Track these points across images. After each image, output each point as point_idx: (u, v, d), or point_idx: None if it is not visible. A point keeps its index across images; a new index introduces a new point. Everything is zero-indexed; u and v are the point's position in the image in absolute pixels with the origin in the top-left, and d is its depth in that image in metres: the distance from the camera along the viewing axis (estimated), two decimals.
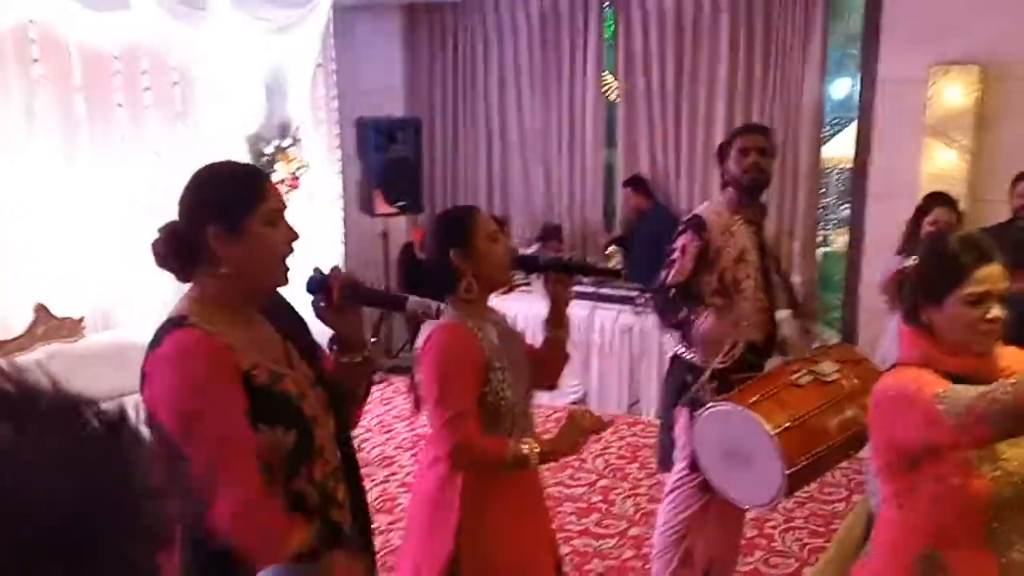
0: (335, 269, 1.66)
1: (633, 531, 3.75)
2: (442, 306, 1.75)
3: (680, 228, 2.82)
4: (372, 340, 5.57)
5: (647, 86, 5.81)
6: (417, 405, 2.03)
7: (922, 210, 3.36)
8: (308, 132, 5.48)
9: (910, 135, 4.77)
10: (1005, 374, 1.57)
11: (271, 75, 5.32)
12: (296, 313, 1.75)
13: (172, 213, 1.50)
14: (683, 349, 2.81)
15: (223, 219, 1.45)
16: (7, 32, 3.90)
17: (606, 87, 6.41)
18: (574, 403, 5.33)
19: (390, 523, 3.72)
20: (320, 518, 1.52)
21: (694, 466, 2.68)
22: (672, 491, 2.87)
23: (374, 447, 4.70)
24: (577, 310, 5.10)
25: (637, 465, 4.45)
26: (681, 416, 2.78)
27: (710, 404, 2.56)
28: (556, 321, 2.10)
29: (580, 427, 1.92)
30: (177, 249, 1.47)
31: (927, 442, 1.54)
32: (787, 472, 2.34)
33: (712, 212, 2.81)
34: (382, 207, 5.87)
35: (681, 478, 2.82)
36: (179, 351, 1.40)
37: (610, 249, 5.98)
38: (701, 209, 2.86)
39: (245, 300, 1.51)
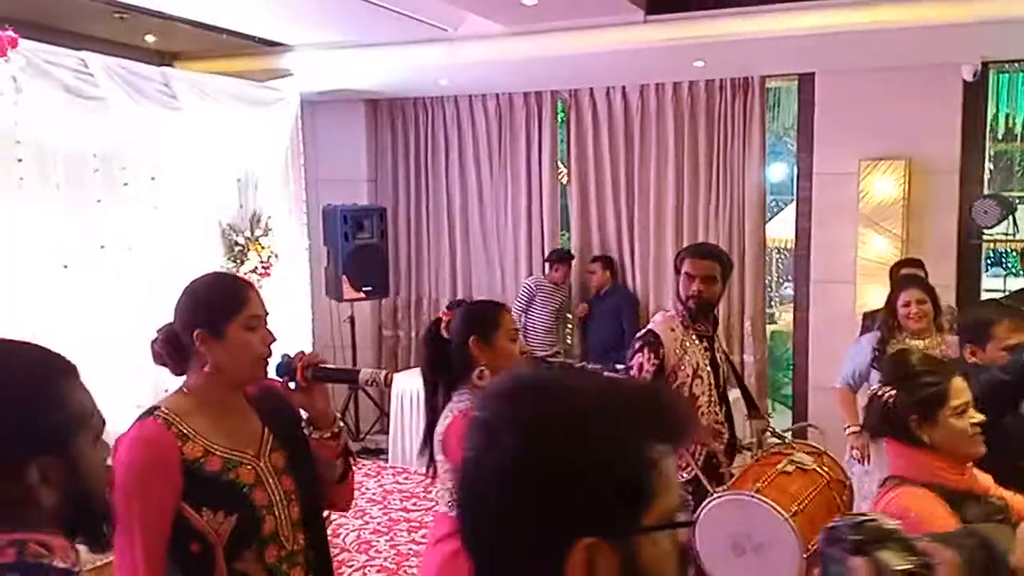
0: (300, 352, 1.82)
1: None
2: (390, 374, 1.85)
3: (636, 345, 2.81)
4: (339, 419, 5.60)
5: (597, 174, 6.17)
6: (434, 474, 2.21)
7: (896, 291, 3.56)
8: (279, 222, 5.65)
9: (846, 223, 5.20)
10: (986, 491, 1.78)
11: (243, 168, 5.50)
12: (285, 402, 1.83)
13: (151, 309, 1.68)
14: None
15: (208, 324, 1.66)
16: None
17: (560, 174, 6.75)
18: None
19: None
20: None
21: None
22: None
23: (349, 532, 4.74)
24: None
25: None
26: None
27: (716, 495, 2.53)
28: None
29: None
30: (171, 349, 1.71)
31: None
32: (805, 556, 2.32)
33: (666, 327, 2.82)
34: (349, 292, 6.03)
35: None
36: (134, 437, 1.63)
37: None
38: (656, 323, 2.86)
39: (227, 393, 1.72)
